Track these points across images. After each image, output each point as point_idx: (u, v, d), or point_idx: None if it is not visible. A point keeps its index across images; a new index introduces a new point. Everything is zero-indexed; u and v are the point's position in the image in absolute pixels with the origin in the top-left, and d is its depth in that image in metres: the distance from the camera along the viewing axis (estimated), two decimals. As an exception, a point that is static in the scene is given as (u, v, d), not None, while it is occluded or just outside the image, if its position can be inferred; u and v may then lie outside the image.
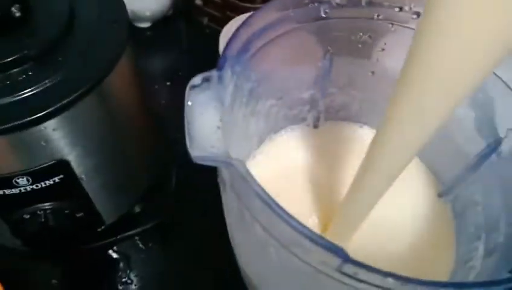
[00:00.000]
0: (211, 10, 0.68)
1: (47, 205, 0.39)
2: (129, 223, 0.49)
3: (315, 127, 0.45)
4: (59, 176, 0.37)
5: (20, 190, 0.37)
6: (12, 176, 0.36)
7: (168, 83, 0.65)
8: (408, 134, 0.27)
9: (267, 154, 0.43)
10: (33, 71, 0.34)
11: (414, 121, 0.26)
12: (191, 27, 0.72)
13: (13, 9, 0.35)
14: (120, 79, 0.39)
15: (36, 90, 0.34)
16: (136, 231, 0.50)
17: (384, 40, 0.38)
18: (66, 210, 0.40)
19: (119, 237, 0.49)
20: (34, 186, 0.37)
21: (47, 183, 0.37)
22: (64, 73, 0.35)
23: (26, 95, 0.33)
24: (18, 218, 0.39)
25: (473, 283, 0.32)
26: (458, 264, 0.37)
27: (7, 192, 0.37)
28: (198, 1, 0.69)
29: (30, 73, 0.34)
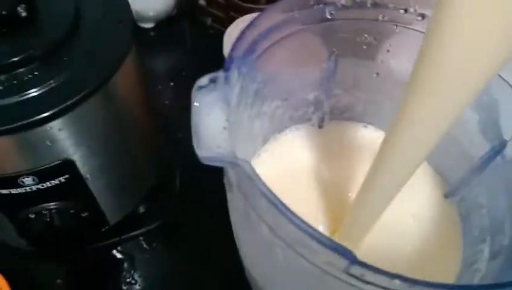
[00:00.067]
0: (215, 11, 0.68)
1: (52, 205, 0.39)
2: (133, 223, 0.49)
3: (320, 127, 0.45)
4: (64, 176, 0.38)
5: (25, 190, 0.37)
6: (18, 176, 0.36)
7: (172, 83, 0.65)
8: (419, 134, 0.27)
9: (272, 153, 0.43)
10: (39, 71, 0.35)
11: (425, 121, 0.26)
12: (195, 27, 0.72)
13: (19, 9, 0.35)
14: (125, 79, 0.39)
15: (42, 90, 0.34)
16: (140, 231, 0.50)
17: (389, 42, 0.38)
18: (71, 210, 0.40)
19: (123, 237, 0.49)
20: (40, 186, 0.37)
21: (52, 183, 0.37)
22: (69, 73, 0.35)
23: (32, 95, 0.34)
24: (23, 217, 0.39)
25: (478, 286, 0.32)
26: (464, 266, 0.37)
27: (13, 192, 0.37)
28: (201, 1, 0.69)
29: (36, 73, 0.34)
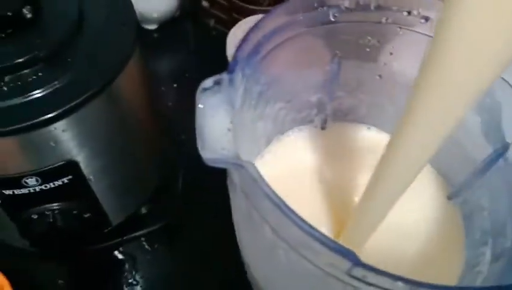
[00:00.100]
0: (218, 12, 0.68)
1: (55, 206, 0.39)
2: (136, 224, 0.49)
3: (322, 129, 0.45)
4: (68, 177, 0.38)
5: (29, 190, 0.37)
6: (21, 176, 0.36)
7: (175, 85, 0.65)
8: (424, 137, 0.27)
9: (275, 154, 0.43)
10: (43, 72, 0.35)
11: (431, 124, 0.26)
12: (198, 29, 0.72)
13: (24, 10, 0.35)
14: (129, 80, 0.39)
15: (46, 91, 0.34)
16: (143, 232, 0.50)
17: (392, 44, 0.38)
18: (74, 211, 0.41)
19: (125, 238, 0.49)
20: (43, 186, 0.37)
21: (56, 183, 0.37)
22: (74, 74, 0.35)
23: (36, 96, 0.34)
24: (26, 218, 0.39)
25: (481, 288, 0.32)
26: (466, 268, 0.37)
27: (16, 192, 0.37)
28: (205, 3, 0.69)
29: (40, 74, 0.35)
